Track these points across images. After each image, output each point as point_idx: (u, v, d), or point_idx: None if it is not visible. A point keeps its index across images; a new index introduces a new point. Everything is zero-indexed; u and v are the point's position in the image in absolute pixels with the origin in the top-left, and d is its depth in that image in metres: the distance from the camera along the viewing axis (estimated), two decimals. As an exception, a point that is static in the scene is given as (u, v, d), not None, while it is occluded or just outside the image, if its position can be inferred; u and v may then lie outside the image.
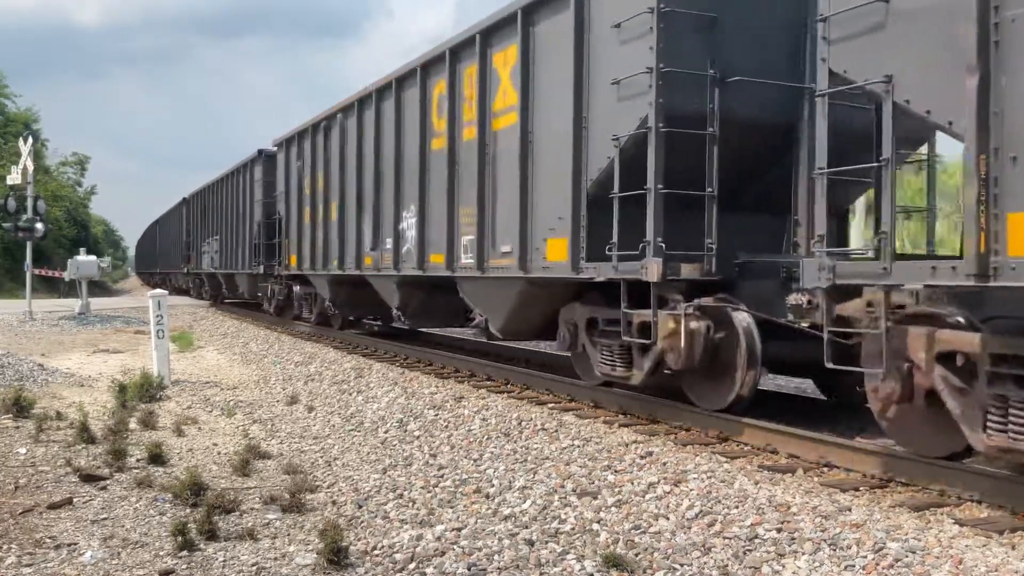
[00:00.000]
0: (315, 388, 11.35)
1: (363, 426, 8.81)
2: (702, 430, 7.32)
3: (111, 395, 10.08)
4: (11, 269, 39.83)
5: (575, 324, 8.70)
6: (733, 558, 4.58)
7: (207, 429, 8.82)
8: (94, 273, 26.52)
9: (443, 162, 10.71)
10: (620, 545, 4.87)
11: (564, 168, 8.23)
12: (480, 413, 8.50)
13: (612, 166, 7.55)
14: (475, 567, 4.66)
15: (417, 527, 5.34)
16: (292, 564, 4.77)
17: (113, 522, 5.59)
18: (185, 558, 4.88)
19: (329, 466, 7.22)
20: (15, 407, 9.06)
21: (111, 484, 6.48)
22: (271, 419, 9.45)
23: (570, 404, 8.85)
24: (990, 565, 4.17)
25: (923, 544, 4.45)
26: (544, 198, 8.70)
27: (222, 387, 11.88)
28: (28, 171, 24.06)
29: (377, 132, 13.06)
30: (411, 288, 12.55)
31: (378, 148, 13.05)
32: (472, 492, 6.08)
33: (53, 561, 4.85)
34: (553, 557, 4.77)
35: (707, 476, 5.83)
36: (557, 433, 7.43)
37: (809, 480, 5.82)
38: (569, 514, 5.44)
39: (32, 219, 23.97)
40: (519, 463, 6.70)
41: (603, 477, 6.09)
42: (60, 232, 48.38)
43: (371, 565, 4.73)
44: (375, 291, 13.70)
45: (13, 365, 12.44)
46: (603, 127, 7.76)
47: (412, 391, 10.05)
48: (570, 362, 9.25)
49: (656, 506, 5.42)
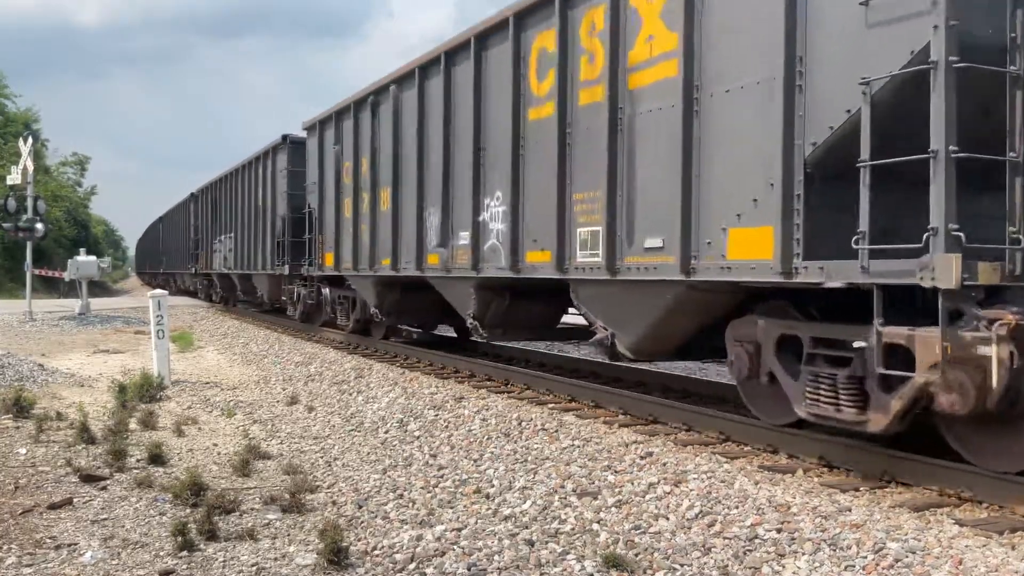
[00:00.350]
0: (315, 388, 11.35)
1: (363, 426, 8.81)
2: (702, 430, 7.33)
3: (111, 395, 10.08)
4: (11, 269, 39.84)
5: (755, 344, 6.59)
6: (733, 558, 4.58)
7: (207, 429, 8.82)
8: (94, 273, 26.53)
9: (547, 135, 8.55)
10: (620, 545, 4.87)
11: (763, 132, 6.11)
12: (480, 413, 8.51)
13: (857, 122, 5.43)
14: (475, 567, 4.66)
15: (417, 527, 5.35)
16: (292, 564, 4.77)
17: (113, 522, 5.59)
18: (185, 558, 4.88)
19: (329, 466, 7.22)
20: (15, 407, 9.07)
21: (111, 484, 6.48)
22: (271, 419, 9.45)
23: (570, 404, 8.86)
24: (990, 565, 4.17)
25: (923, 544, 4.45)
26: (724, 174, 6.53)
27: (222, 387, 11.87)
28: (28, 171, 24.07)
29: (447, 104, 10.68)
30: (492, 293, 10.28)
31: (448, 124, 10.68)
32: (472, 492, 6.08)
33: (53, 561, 4.86)
34: (553, 557, 4.77)
35: (707, 476, 5.83)
36: (557, 433, 7.43)
37: (809, 480, 5.83)
38: (569, 514, 5.44)
39: (32, 219, 23.97)
40: (519, 463, 6.70)
41: (603, 477, 6.09)
42: (60, 232, 48.40)
43: (371, 565, 4.73)
44: (439, 296, 11.55)
45: (13, 365, 12.44)
46: (837, 69, 5.66)
47: (412, 391, 10.05)
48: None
49: (656, 506, 5.42)
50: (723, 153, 6.54)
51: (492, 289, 10.23)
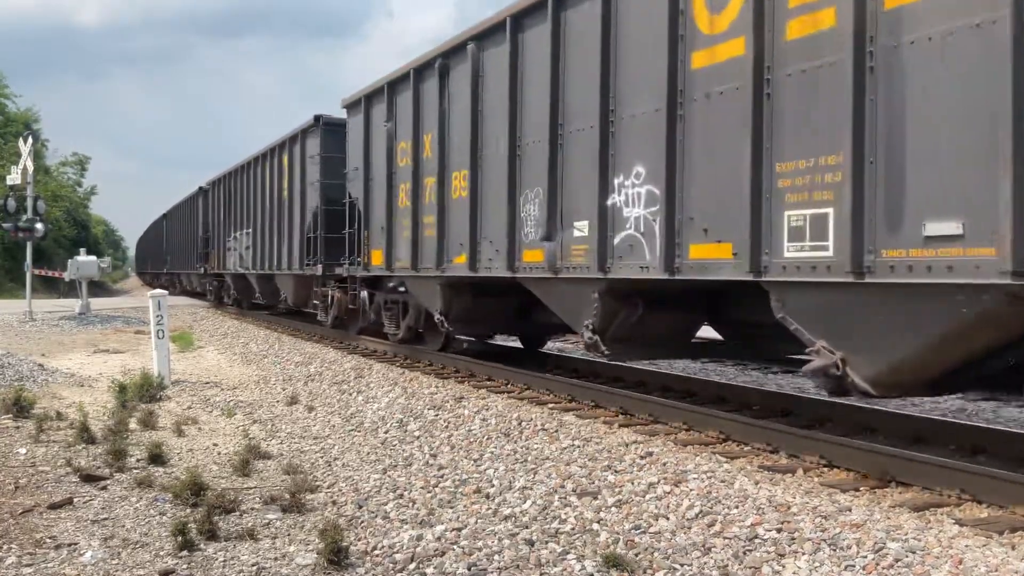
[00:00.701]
0: (315, 388, 11.35)
1: (363, 426, 8.81)
2: (702, 430, 7.32)
3: (111, 395, 10.08)
4: (11, 269, 39.86)
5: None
6: (733, 558, 4.58)
7: (207, 429, 8.82)
8: (94, 273, 26.52)
9: (729, 84, 6.48)
10: (620, 545, 4.87)
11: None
12: (480, 413, 8.51)
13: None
14: (475, 567, 4.66)
15: (417, 527, 5.35)
16: (292, 564, 4.77)
17: (113, 522, 5.59)
18: (185, 558, 4.88)
19: (329, 466, 7.22)
20: (15, 407, 9.07)
21: (111, 484, 6.48)
22: (271, 419, 9.45)
23: (570, 404, 8.86)
24: (990, 565, 4.17)
25: (923, 544, 4.45)
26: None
27: (222, 387, 11.88)
28: (28, 171, 24.07)
29: (555, 58, 8.50)
30: (621, 300, 8.10)
31: (557, 84, 8.53)
32: (472, 492, 6.08)
33: (53, 561, 4.86)
34: (553, 557, 4.77)
35: (707, 476, 5.83)
36: (557, 433, 7.43)
37: (809, 480, 5.83)
38: (569, 514, 5.44)
39: (32, 219, 23.98)
40: (519, 463, 6.70)
41: (603, 477, 6.09)
42: (60, 232, 48.44)
43: (371, 565, 4.73)
44: (535, 301, 9.64)
45: (13, 365, 12.44)
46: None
47: (412, 391, 10.05)
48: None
49: (656, 506, 5.42)
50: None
51: (621, 295, 8.08)
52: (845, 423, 7.19)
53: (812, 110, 5.83)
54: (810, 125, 5.85)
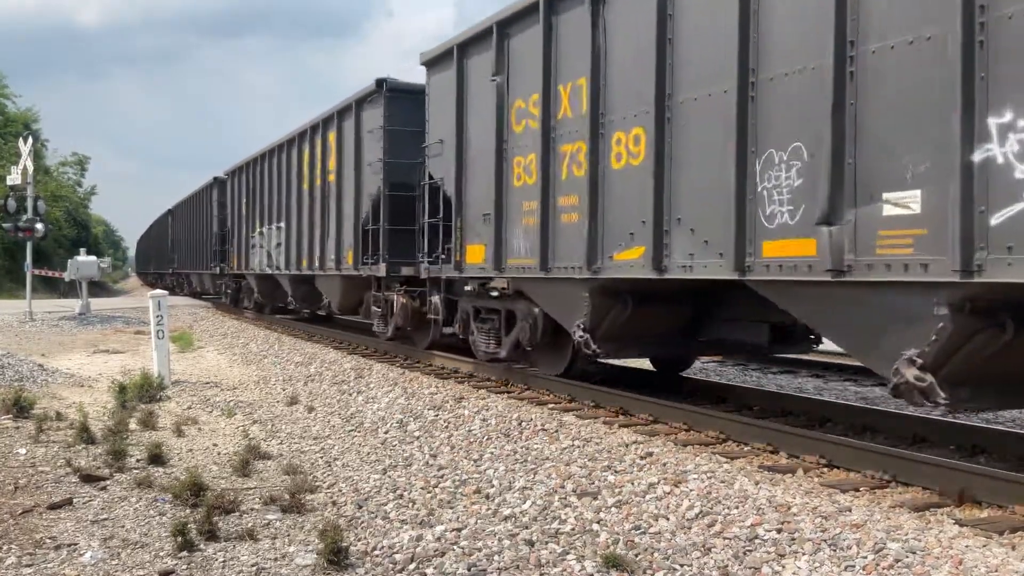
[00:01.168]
0: (315, 388, 11.35)
1: (363, 426, 8.80)
2: (702, 430, 7.32)
3: (111, 395, 10.07)
4: (11, 269, 39.84)
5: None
6: (733, 558, 4.58)
7: (207, 429, 8.82)
8: (94, 273, 26.51)
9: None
10: (620, 545, 4.87)
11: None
12: (480, 413, 8.51)
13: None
14: (475, 567, 4.66)
15: (417, 527, 5.34)
16: (292, 564, 4.77)
17: (113, 522, 5.58)
18: (185, 558, 4.88)
19: (329, 466, 7.21)
20: (15, 407, 9.06)
21: (111, 484, 6.48)
22: (271, 419, 9.44)
23: (570, 404, 8.85)
24: (990, 565, 4.17)
25: (923, 544, 4.45)
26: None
27: (222, 387, 11.87)
28: (28, 171, 24.07)
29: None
30: (982, 317, 5.29)
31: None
32: (472, 492, 6.08)
33: (53, 561, 4.85)
34: (553, 557, 4.77)
35: (707, 476, 5.83)
36: (557, 433, 7.43)
37: (809, 480, 5.83)
38: (569, 514, 5.44)
39: (32, 219, 23.97)
40: (519, 463, 6.70)
41: (603, 477, 6.09)
42: (60, 232, 48.42)
43: (371, 565, 4.73)
44: (707, 310, 8.08)
45: (13, 365, 12.44)
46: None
47: (412, 391, 10.05)
48: None
49: (656, 506, 5.42)
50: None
51: (986, 311, 5.27)
52: (845, 423, 7.26)
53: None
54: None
